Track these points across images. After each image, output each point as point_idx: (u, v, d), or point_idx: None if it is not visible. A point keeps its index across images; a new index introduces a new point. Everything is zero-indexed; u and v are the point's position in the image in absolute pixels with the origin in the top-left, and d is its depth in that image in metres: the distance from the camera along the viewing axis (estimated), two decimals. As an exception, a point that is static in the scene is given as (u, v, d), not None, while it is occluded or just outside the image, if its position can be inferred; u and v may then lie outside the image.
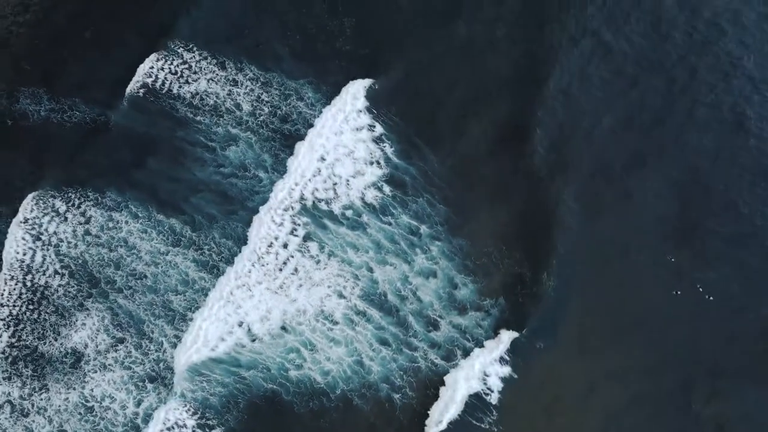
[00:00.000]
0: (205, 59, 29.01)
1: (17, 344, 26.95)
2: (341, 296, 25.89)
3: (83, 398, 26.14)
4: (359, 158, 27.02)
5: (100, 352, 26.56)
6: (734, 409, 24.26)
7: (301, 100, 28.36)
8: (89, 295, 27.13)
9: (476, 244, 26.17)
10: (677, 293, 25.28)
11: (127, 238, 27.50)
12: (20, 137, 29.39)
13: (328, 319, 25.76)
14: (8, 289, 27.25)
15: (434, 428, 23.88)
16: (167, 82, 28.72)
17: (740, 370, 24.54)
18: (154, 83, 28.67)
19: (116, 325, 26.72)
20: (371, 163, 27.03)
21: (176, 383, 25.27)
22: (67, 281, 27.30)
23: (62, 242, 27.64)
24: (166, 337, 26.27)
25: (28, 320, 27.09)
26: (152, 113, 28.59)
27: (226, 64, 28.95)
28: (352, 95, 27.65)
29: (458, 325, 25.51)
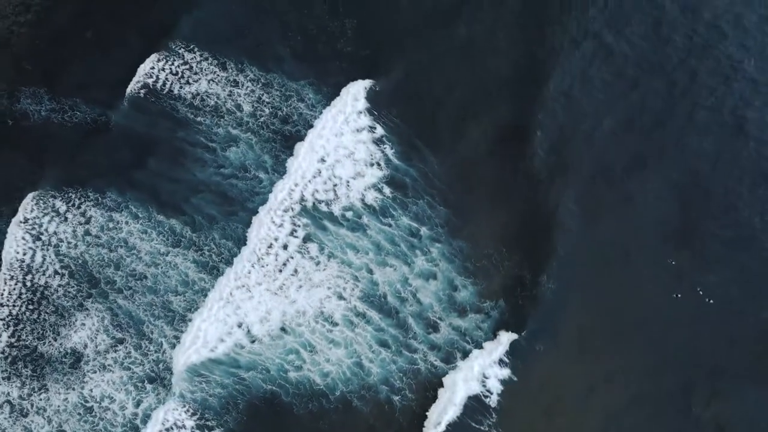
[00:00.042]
0: (205, 60, 29.00)
1: (17, 344, 26.93)
2: (341, 298, 25.87)
3: (82, 398, 26.12)
4: (359, 160, 27.00)
5: (99, 352, 26.54)
6: (734, 411, 24.25)
7: (301, 101, 28.34)
8: (89, 295, 27.12)
9: (476, 246, 26.15)
10: (677, 296, 25.26)
11: (127, 238, 27.48)
12: (21, 137, 29.39)
13: (327, 320, 25.73)
14: (8, 288, 27.24)
15: (433, 430, 23.84)
16: (168, 82, 28.70)
17: (740, 372, 24.53)
18: (154, 84, 28.65)
19: (116, 325, 26.70)
20: (371, 164, 27.01)
21: (174, 384, 25.25)
22: (67, 281, 27.28)
23: (62, 242, 27.63)
24: (165, 337, 26.25)
25: (27, 320, 27.07)
26: (153, 114, 28.58)
27: (227, 64, 28.94)
28: (352, 96, 27.63)
29: (458, 327, 25.48)
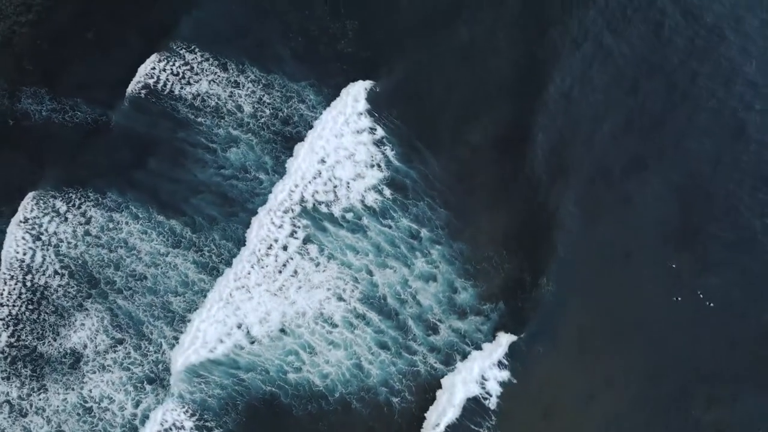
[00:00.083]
0: (206, 60, 28.99)
1: (16, 344, 26.92)
2: (341, 299, 25.84)
3: (82, 399, 26.10)
4: (360, 161, 26.98)
5: (99, 352, 26.53)
6: (734, 415, 24.19)
7: (302, 102, 28.33)
8: (89, 295, 27.11)
9: (477, 248, 26.11)
10: (677, 299, 25.22)
11: (127, 238, 27.47)
12: (22, 137, 29.41)
13: (327, 321, 25.70)
14: (8, 288, 27.24)
15: (431, 431, 23.81)
16: (169, 83, 28.70)
17: (740, 376, 24.48)
18: (155, 84, 28.65)
19: (115, 326, 26.68)
20: (372, 166, 26.99)
21: (173, 384, 25.22)
22: (66, 281, 27.27)
23: (62, 242, 27.62)
24: (165, 338, 26.23)
25: (27, 320, 27.06)
26: (154, 114, 28.58)
27: (227, 65, 28.93)
28: (352, 98, 27.61)
29: (458, 329, 25.44)
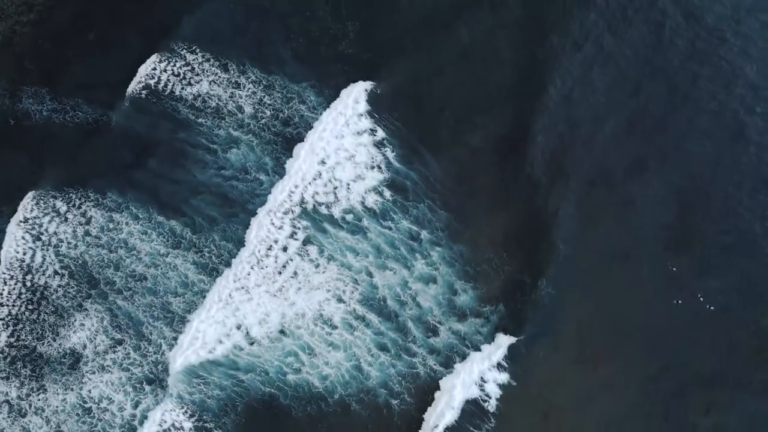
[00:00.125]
0: (207, 61, 29.00)
1: (16, 344, 26.93)
2: (340, 300, 25.82)
3: (81, 399, 26.10)
4: (360, 162, 26.97)
5: (98, 353, 26.52)
6: (733, 419, 24.13)
7: (303, 103, 28.33)
8: (88, 295, 27.11)
9: (477, 250, 26.09)
10: (678, 302, 25.17)
11: (127, 239, 27.47)
12: (22, 137, 29.43)
13: (326, 323, 25.69)
14: (8, 288, 27.25)
15: (430, 433, 23.82)
16: (169, 83, 28.72)
17: (740, 380, 24.42)
18: (156, 84, 28.67)
19: (115, 326, 26.68)
20: (372, 167, 26.98)
21: (171, 384, 25.20)
22: (66, 282, 27.28)
23: (62, 242, 27.63)
24: (164, 339, 26.22)
25: (27, 320, 27.07)
26: (154, 114, 28.59)
27: (228, 66, 28.94)
28: (353, 99, 27.61)
29: (457, 331, 25.42)
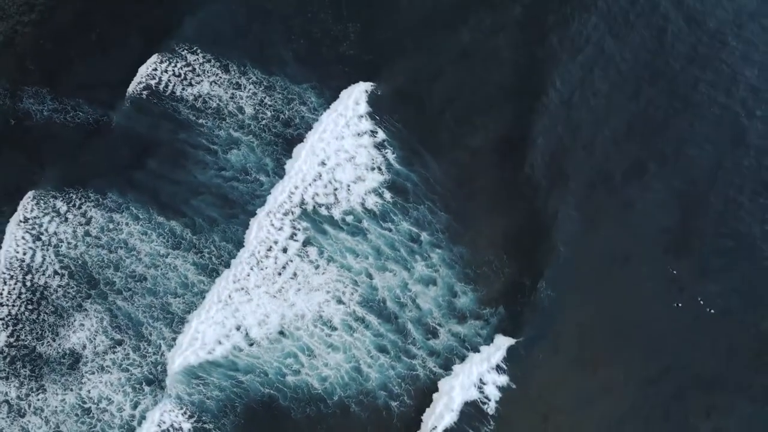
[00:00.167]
0: (208, 62, 29.02)
1: (15, 344, 26.89)
2: (340, 302, 25.81)
3: (80, 399, 26.05)
4: (360, 164, 26.96)
5: (98, 353, 26.49)
6: (733, 422, 24.11)
7: (304, 104, 28.34)
8: (88, 296, 27.08)
9: (477, 252, 26.08)
10: (678, 305, 25.17)
11: (127, 239, 27.46)
12: (23, 137, 29.42)
13: (326, 324, 25.67)
14: (8, 288, 27.23)
15: (428, 435, 23.78)
16: (170, 84, 28.73)
17: (740, 383, 24.41)
18: (157, 85, 28.68)
19: (114, 326, 26.65)
20: (372, 168, 26.98)
21: (169, 385, 25.17)
22: (66, 282, 27.26)
23: (62, 243, 27.61)
24: (164, 339, 26.19)
25: (26, 320, 27.03)
26: (155, 115, 28.59)
27: (229, 67, 28.95)
28: (353, 100, 27.62)
29: (457, 333, 25.40)
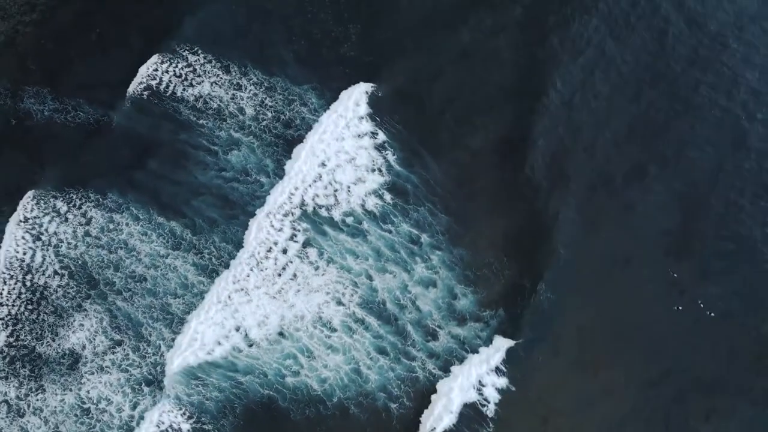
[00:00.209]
0: (209, 62, 29.03)
1: (15, 344, 26.89)
2: (340, 303, 25.78)
3: (79, 400, 26.04)
4: (361, 165, 26.95)
5: (97, 353, 26.48)
6: (734, 426, 24.07)
7: (304, 105, 28.33)
8: (88, 296, 27.07)
9: (477, 253, 26.05)
10: (678, 308, 25.13)
11: (127, 240, 27.45)
12: (23, 136, 29.43)
13: (326, 326, 25.64)
14: (7, 288, 27.23)
15: (427, 437, 23.74)
16: (171, 84, 28.74)
17: (741, 386, 24.36)
18: (158, 85, 28.69)
19: (114, 327, 26.63)
20: (373, 170, 26.96)
21: (167, 385, 25.14)
22: (66, 282, 27.25)
23: (62, 243, 27.61)
24: (164, 340, 26.18)
25: (26, 320, 27.03)
26: (155, 115, 28.60)
27: (230, 67, 28.95)
28: (353, 101, 27.61)
29: (457, 335, 25.36)
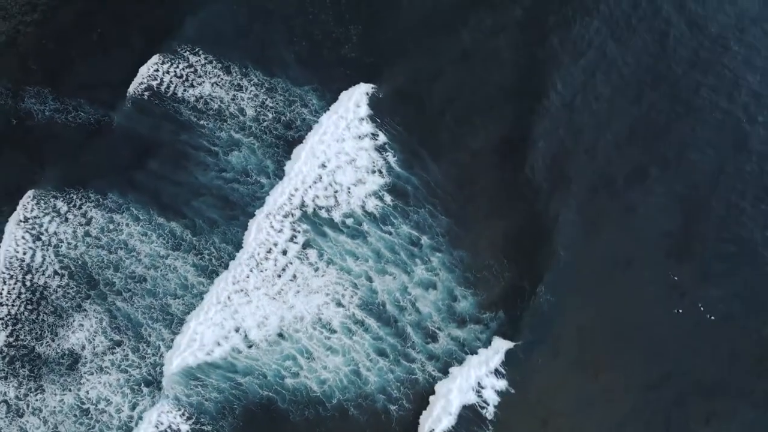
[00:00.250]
0: (210, 63, 29.03)
1: (15, 344, 26.89)
2: (339, 305, 25.76)
3: (79, 400, 26.03)
4: (361, 166, 26.93)
5: (97, 354, 26.48)
6: (734, 429, 24.01)
7: (305, 106, 28.32)
8: (88, 296, 27.07)
9: (477, 256, 26.02)
10: (678, 311, 25.09)
11: (127, 240, 27.45)
12: (24, 136, 29.46)
13: (325, 327, 25.62)
14: (7, 288, 27.24)
15: (426, 438, 23.70)
16: (172, 85, 28.74)
17: (741, 389, 24.31)
18: (158, 86, 28.69)
19: (114, 327, 26.63)
20: (373, 171, 26.94)
21: (166, 385, 25.12)
22: (66, 282, 27.25)
23: (62, 243, 27.61)
24: (163, 341, 26.17)
25: (26, 320, 27.04)
26: (156, 116, 28.60)
27: (231, 68, 28.95)
28: (354, 102, 27.59)
29: (457, 337, 25.33)
